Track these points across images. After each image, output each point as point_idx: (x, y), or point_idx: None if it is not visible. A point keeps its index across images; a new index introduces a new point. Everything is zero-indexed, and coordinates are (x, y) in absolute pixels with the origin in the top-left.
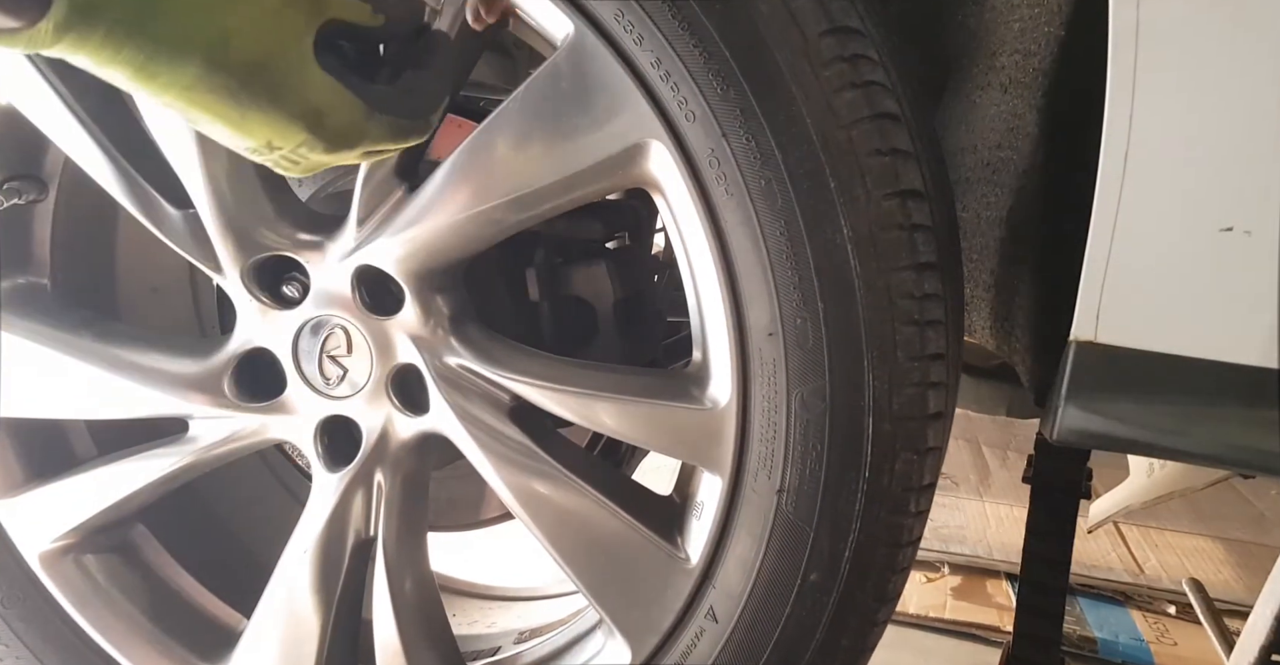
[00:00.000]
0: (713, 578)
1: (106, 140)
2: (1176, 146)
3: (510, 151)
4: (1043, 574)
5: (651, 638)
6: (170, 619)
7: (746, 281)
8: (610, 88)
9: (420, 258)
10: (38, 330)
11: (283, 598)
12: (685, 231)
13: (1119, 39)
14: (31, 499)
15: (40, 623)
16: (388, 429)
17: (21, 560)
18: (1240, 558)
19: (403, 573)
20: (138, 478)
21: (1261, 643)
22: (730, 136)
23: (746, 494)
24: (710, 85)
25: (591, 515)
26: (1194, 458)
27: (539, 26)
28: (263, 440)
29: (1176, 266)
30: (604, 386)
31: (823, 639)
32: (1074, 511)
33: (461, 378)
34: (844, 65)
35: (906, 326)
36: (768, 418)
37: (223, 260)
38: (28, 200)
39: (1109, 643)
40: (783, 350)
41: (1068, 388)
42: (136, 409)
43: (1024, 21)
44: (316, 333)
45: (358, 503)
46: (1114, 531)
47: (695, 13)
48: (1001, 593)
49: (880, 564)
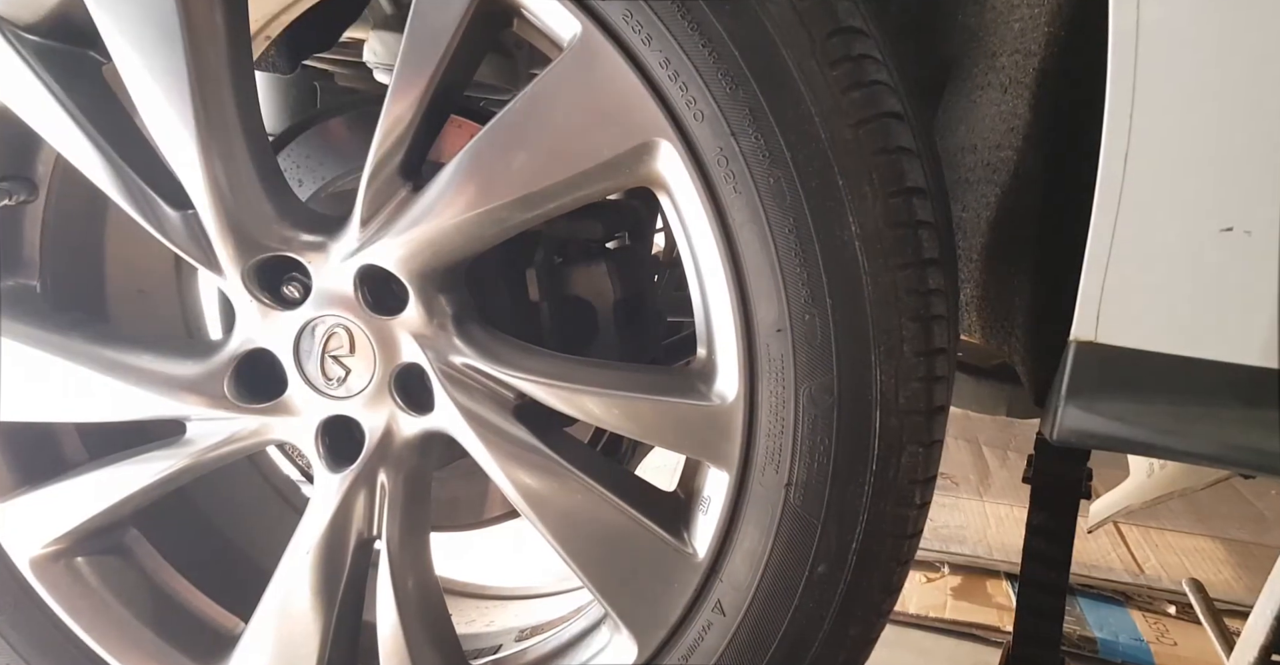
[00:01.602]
0: (720, 571)
1: (103, 140)
2: (1176, 146)
3: (516, 151)
4: (1043, 574)
5: (658, 632)
6: (165, 623)
7: (754, 278)
8: (617, 87)
9: (424, 257)
10: (28, 333)
11: (283, 599)
12: (692, 230)
13: (1119, 39)
14: (22, 504)
15: (33, 629)
16: (391, 428)
17: (12, 566)
18: (1240, 558)
19: (406, 572)
20: (134, 481)
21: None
22: (739, 135)
23: (754, 488)
24: (719, 85)
25: (598, 511)
26: (1194, 458)
27: (545, 27)
28: (263, 441)
29: (1176, 266)
30: (611, 383)
31: (830, 630)
32: (1074, 511)
33: (466, 376)
34: (851, 65)
35: (912, 322)
36: (775, 413)
37: (223, 261)
38: (18, 201)
39: (1109, 643)
40: (791, 346)
41: (1068, 388)
42: (133, 411)
43: (1024, 21)
44: (318, 333)
45: (360, 503)
46: (1114, 531)
47: (704, 13)
48: (1001, 593)
49: (886, 555)
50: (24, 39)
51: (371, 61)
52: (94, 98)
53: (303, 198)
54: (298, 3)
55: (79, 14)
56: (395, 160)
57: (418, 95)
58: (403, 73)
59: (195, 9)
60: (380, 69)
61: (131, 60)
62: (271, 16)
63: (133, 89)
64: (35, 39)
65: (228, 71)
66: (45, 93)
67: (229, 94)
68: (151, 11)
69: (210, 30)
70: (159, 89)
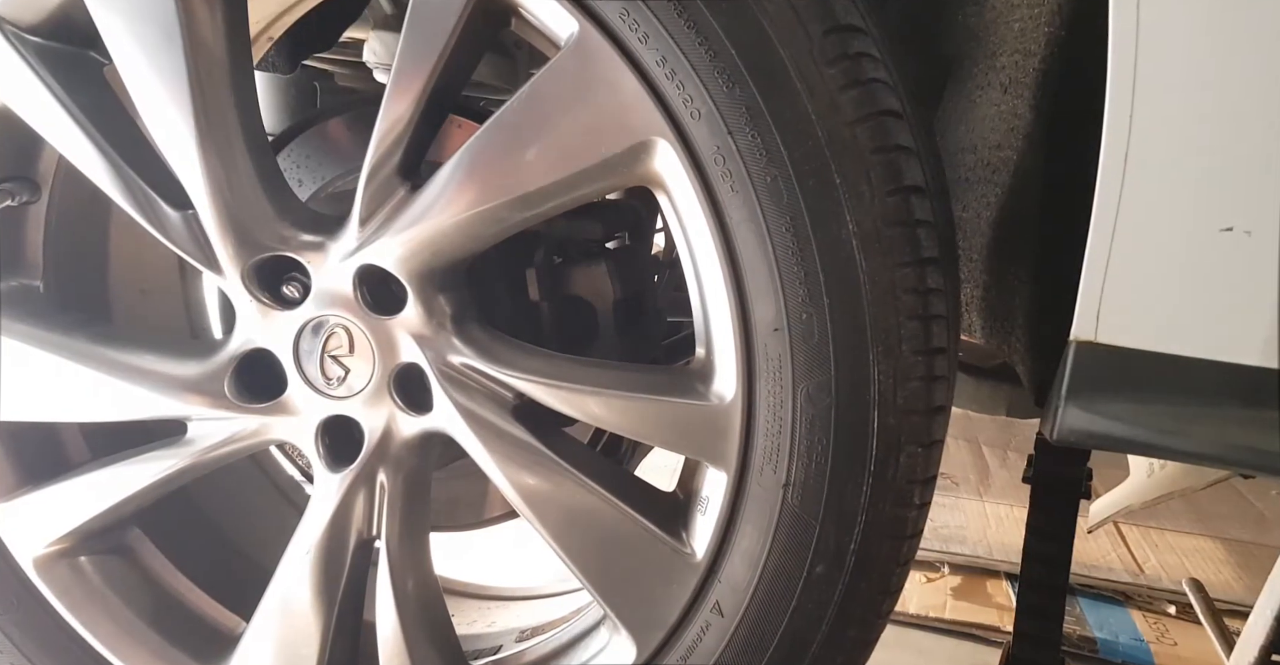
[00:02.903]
0: (718, 572)
1: (104, 141)
2: (1176, 146)
3: (514, 150)
4: (1043, 574)
5: (657, 633)
6: (167, 622)
7: (752, 277)
8: (615, 86)
9: (423, 257)
10: (31, 333)
11: (284, 599)
12: (689, 229)
13: (1119, 39)
14: (25, 503)
15: (35, 627)
16: (390, 428)
17: (16, 565)
18: (1240, 558)
19: (406, 573)
20: (135, 480)
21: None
22: (736, 133)
23: (752, 488)
24: (716, 83)
25: (597, 512)
26: (1194, 458)
27: (542, 26)
28: (263, 441)
29: (1176, 266)
30: (609, 383)
31: (828, 631)
32: (1074, 511)
33: (465, 376)
34: (848, 63)
35: (911, 321)
36: (773, 413)
37: (222, 261)
38: (21, 202)
39: (1109, 643)
40: (788, 345)
41: (1068, 388)
42: (134, 411)
43: (1024, 21)
44: (317, 333)
45: (360, 503)
46: (1114, 531)
47: (701, 11)
48: (1001, 593)
49: (885, 557)
50: (25, 40)
51: (371, 61)
52: (95, 98)
53: (302, 197)
54: (300, 3)
55: (80, 15)
56: (393, 160)
57: (415, 95)
58: (400, 72)
59: (195, 9)
60: (380, 69)
61: (132, 61)
62: (274, 17)
63: (133, 90)
64: (37, 40)
65: (228, 72)
66: (47, 94)
67: (229, 94)
68: (152, 12)
69: (210, 31)
70: (159, 89)
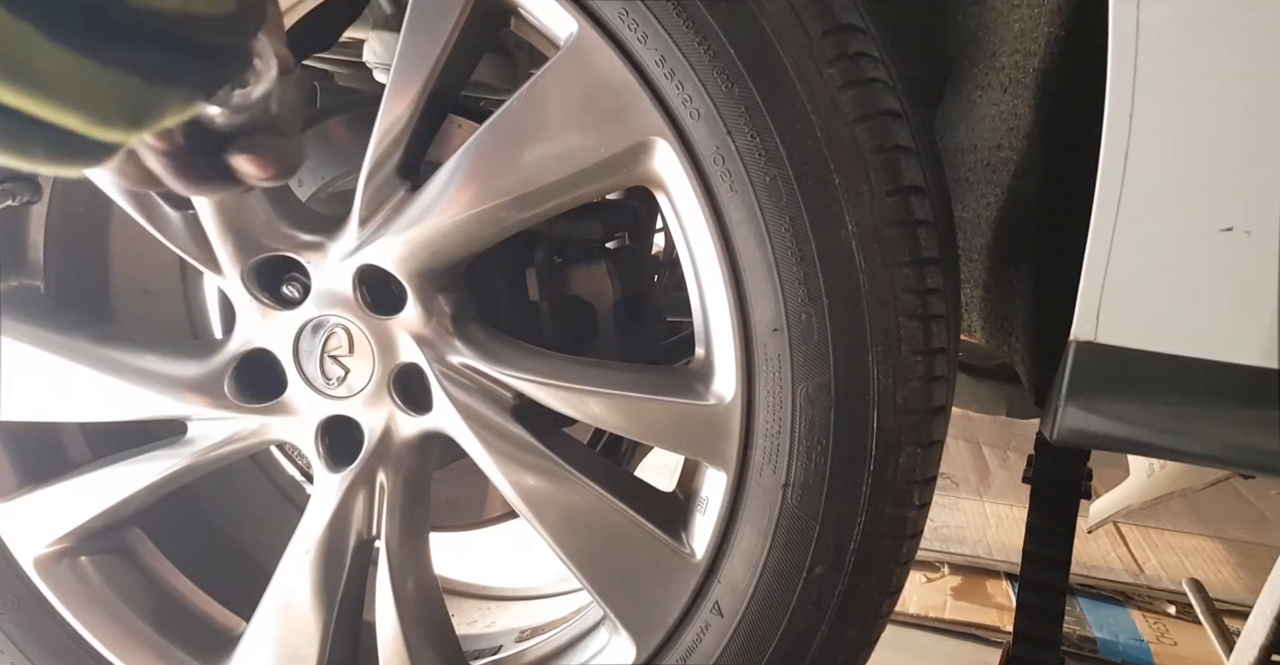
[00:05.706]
0: (718, 572)
1: None
2: (1176, 146)
3: (513, 150)
4: (1043, 574)
5: (656, 633)
6: (167, 622)
7: (751, 278)
8: (614, 86)
9: (423, 257)
10: (32, 333)
11: (284, 599)
12: (689, 229)
13: (1119, 39)
14: (26, 503)
15: (36, 627)
16: (390, 428)
17: (16, 564)
18: (1240, 558)
19: (405, 572)
20: (135, 480)
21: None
22: (735, 133)
23: (751, 489)
24: (715, 83)
25: (596, 512)
26: (1194, 458)
27: (542, 26)
28: (263, 441)
29: (1176, 266)
30: (609, 383)
31: (828, 632)
32: (1074, 511)
33: (465, 376)
34: (848, 63)
35: (910, 321)
36: (773, 413)
37: (222, 261)
38: (22, 202)
39: (1109, 643)
40: (788, 345)
41: (1068, 388)
42: (135, 411)
43: (1024, 21)
44: (317, 333)
45: (360, 503)
46: (1114, 531)
47: (700, 11)
48: (1001, 593)
49: (885, 557)
50: None
51: (371, 61)
52: None
53: (302, 197)
54: (300, 4)
55: None
56: (393, 160)
57: (415, 95)
58: (400, 72)
59: None
60: (380, 69)
61: None
62: None
63: None
64: None
65: None
66: None
67: None
68: None
69: None
70: None
